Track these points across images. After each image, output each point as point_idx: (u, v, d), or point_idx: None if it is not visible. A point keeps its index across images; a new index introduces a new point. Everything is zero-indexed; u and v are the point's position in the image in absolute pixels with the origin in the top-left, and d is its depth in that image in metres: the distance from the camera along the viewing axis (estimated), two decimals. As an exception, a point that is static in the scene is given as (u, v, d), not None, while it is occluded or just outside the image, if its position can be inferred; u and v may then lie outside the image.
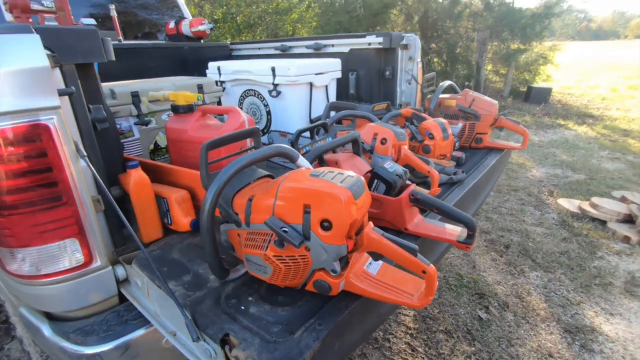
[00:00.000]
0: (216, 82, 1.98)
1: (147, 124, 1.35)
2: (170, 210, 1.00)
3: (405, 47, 2.00)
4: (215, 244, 0.72)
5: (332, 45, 2.18)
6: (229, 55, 2.71)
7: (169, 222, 1.02)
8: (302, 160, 0.81)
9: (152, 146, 1.43)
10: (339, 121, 1.33)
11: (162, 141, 1.45)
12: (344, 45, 2.12)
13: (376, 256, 0.76)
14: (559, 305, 2.14)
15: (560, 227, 2.97)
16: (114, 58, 0.86)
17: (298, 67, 1.63)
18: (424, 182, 1.26)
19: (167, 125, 1.19)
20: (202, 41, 2.92)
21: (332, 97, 1.93)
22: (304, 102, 1.73)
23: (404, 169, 0.98)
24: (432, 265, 0.64)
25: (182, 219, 1.00)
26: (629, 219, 2.88)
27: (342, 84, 2.15)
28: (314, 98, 1.78)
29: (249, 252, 0.73)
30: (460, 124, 1.63)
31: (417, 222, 0.98)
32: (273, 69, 1.64)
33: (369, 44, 2.00)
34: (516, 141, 1.86)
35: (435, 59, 8.84)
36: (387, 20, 7.83)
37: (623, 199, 3.14)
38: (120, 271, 0.92)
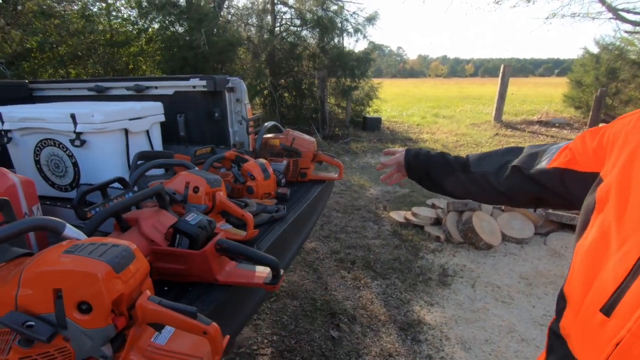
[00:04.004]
0: (0, 131, 1.62)
1: None
2: None
3: (232, 89, 2.07)
4: None
5: (156, 87, 2.08)
6: (28, 97, 2.27)
7: None
8: (71, 231, 0.71)
9: None
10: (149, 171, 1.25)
11: None
12: (168, 87, 2.05)
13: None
14: (394, 307, 2.47)
15: (393, 236, 3.48)
16: None
17: (105, 114, 1.47)
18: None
19: None
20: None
21: (157, 142, 1.82)
22: (117, 150, 1.57)
23: (210, 219, 0.97)
24: (213, 324, 0.64)
25: None
26: (438, 222, 3.60)
27: (171, 127, 2.06)
28: (133, 145, 1.64)
29: (-15, 362, 0.58)
30: (285, 162, 1.76)
31: (229, 270, 0.98)
32: (73, 116, 1.44)
33: (194, 86, 2.00)
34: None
35: (286, 94, 9.51)
36: (233, 57, 8.04)
37: (433, 206, 3.93)
38: None
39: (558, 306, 0.54)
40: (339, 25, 9.18)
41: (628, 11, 9.99)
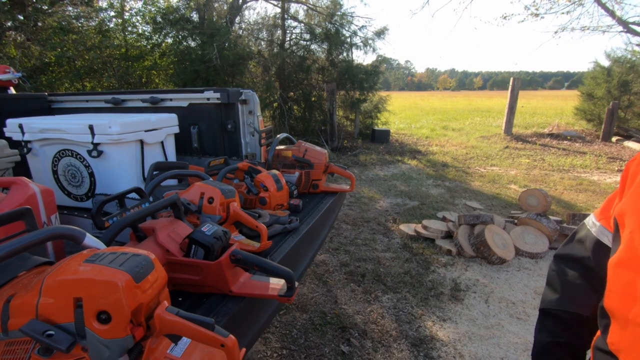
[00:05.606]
0: (21, 142, 1.66)
1: None
2: None
3: (245, 101, 2.10)
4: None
5: (171, 100, 2.12)
6: (47, 109, 2.33)
7: None
8: (91, 240, 0.71)
9: None
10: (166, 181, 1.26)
11: None
12: (182, 99, 2.09)
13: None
14: (406, 322, 2.42)
15: (403, 249, 3.44)
16: None
17: (122, 125, 1.50)
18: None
19: None
20: (12, 91, 2.47)
21: (171, 153, 1.84)
22: (133, 161, 1.59)
23: (225, 229, 0.97)
24: (231, 336, 0.63)
25: None
26: (449, 235, 3.55)
27: (185, 138, 2.09)
28: (148, 155, 1.66)
29: (5, 370, 0.58)
30: (297, 173, 1.76)
31: (243, 281, 0.97)
32: (91, 127, 1.47)
33: (208, 99, 2.03)
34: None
35: (295, 107, 9.60)
36: (244, 70, 8.18)
37: (444, 219, 3.88)
38: None
39: (601, 323, 0.53)
40: (348, 39, 9.30)
41: (639, 24, 9.93)
